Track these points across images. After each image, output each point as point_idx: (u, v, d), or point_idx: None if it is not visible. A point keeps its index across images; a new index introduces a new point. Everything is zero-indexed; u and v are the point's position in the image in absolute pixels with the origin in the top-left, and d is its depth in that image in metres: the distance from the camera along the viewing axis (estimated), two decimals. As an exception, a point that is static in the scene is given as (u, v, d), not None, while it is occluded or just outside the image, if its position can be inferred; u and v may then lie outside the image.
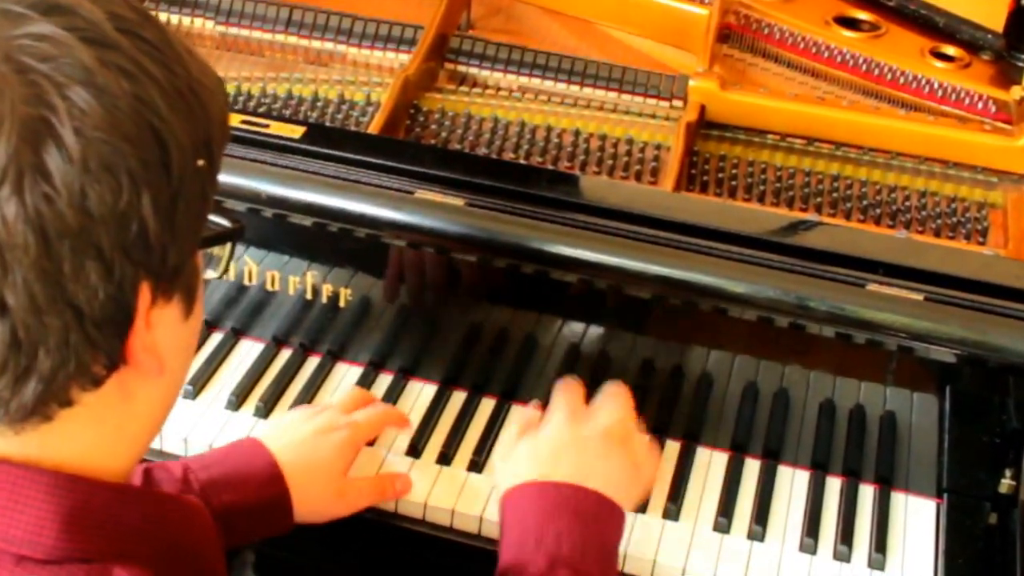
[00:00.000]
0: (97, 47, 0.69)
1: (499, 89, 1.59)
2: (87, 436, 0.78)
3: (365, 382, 1.42)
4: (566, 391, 1.26)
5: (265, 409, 1.39)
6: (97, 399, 0.76)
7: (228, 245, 0.88)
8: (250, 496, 1.16)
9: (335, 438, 1.25)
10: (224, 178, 0.86)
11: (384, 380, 1.43)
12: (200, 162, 0.74)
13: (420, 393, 1.42)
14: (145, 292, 0.73)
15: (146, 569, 0.77)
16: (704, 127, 1.52)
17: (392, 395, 1.41)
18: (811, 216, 1.40)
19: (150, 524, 0.80)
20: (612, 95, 1.57)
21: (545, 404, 1.29)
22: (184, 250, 0.76)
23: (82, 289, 0.69)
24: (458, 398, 1.42)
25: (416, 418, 1.38)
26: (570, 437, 1.18)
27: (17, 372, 0.71)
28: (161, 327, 0.76)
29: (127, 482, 0.83)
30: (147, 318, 0.74)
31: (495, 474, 1.23)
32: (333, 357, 1.45)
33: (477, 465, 1.34)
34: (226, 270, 0.89)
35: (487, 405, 1.41)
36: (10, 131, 0.66)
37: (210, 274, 0.87)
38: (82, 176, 0.67)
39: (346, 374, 1.44)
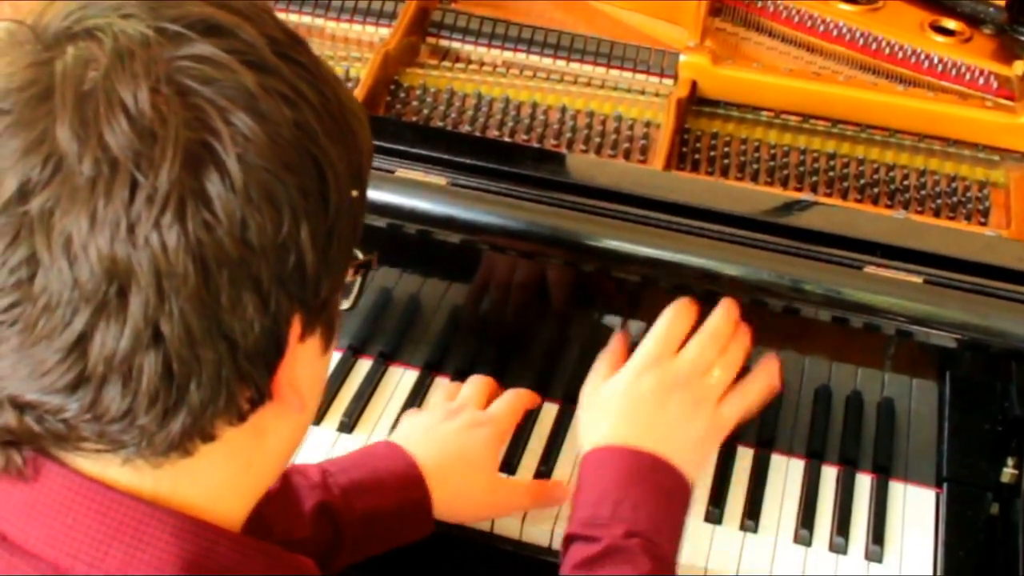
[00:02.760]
0: (258, 71, 0.69)
1: (483, 64, 1.56)
2: (219, 473, 0.78)
3: (344, 367, 1.41)
4: (670, 319, 1.17)
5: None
6: (235, 434, 0.76)
7: (360, 276, 0.88)
8: (391, 500, 1.16)
9: (482, 434, 1.24)
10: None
11: (364, 365, 1.42)
12: (354, 192, 0.75)
13: (401, 379, 1.41)
14: (296, 325, 0.73)
15: None
16: (695, 104, 1.50)
17: (372, 381, 1.40)
18: (806, 196, 1.38)
19: None
20: (600, 71, 1.54)
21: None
22: (335, 283, 0.76)
23: (238, 321, 0.69)
24: (440, 385, 1.40)
25: (397, 405, 1.37)
26: (652, 392, 1.13)
27: (167, 405, 0.70)
28: (302, 361, 0.76)
29: (244, 533, 0.82)
30: (294, 352, 0.74)
31: (578, 421, 1.19)
32: None
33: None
34: (357, 301, 0.88)
35: None
36: (173, 156, 0.66)
37: (343, 306, 0.86)
38: (244, 205, 0.67)
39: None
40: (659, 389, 1.14)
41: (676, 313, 1.18)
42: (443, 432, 1.23)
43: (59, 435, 0.72)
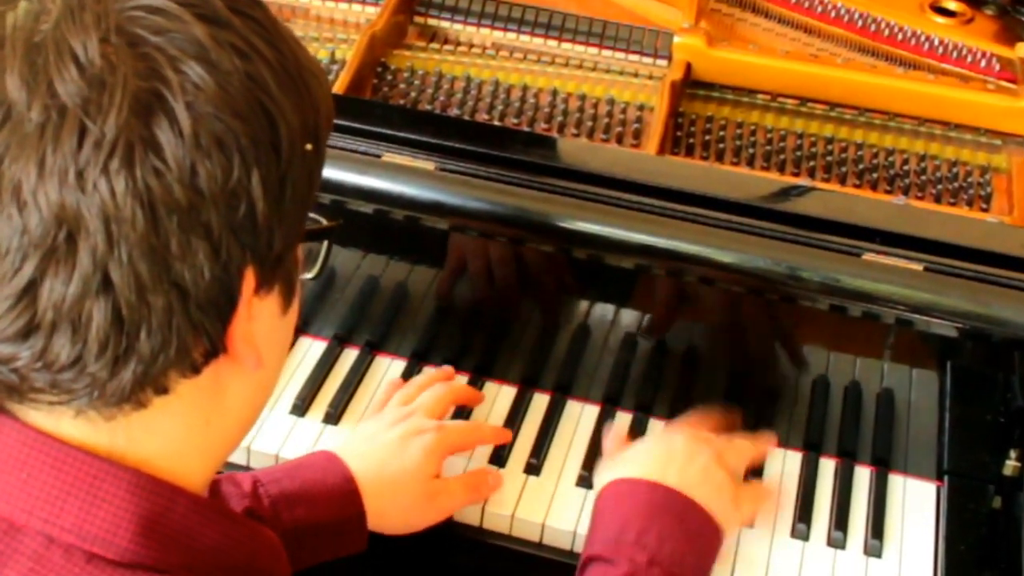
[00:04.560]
0: (210, 23, 0.70)
1: (472, 46, 1.55)
2: (176, 430, 0.78)
3: (329, 357, 1.39)
4: (697, 416, 1.28)
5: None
6: (191, 390, 0.76)
7: (325, 243, 0.90)
8: (322, 513, 1.14)
9: (423, 442, 1.22)
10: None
11: (350, 355, 1.41)
12: (308, 146, 0.75)
13: (388, 369, 1.39)
14: (250, 277, 0.74)
15: None
16: (690, 86, 1.50)
17: (358, 372, 1.38)
18: (804, 181, 1.38)
19: (226, 546, 0.80)
20: (592, 52, 1.53)
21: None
22: (289, 237, 0.76)
23: (188, 268, 0.70)
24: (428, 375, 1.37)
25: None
26: (683, 447, 1.19)
27: (118, 352, 0.70)
28: (260, 319, 0.76)
29: (206, 496, 0.83)
30: (249, 307, 0.74)
31: (597, 476, 1.22)
32: (296, 331, 1.38)
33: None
34: (322, 270, 0.90)
35: (459, 382, 1.36)
36: (121, 103, 0.67)
37: (307, 275, 0.88)
38: (193, 152, 0.68)
39: (309, 348, 1.41)
40: (690, 443, 1.20)
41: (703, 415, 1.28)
42: (384, 441, 1.22)
43: (11, 386, 0.73)
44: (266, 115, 0.72)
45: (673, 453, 1.18)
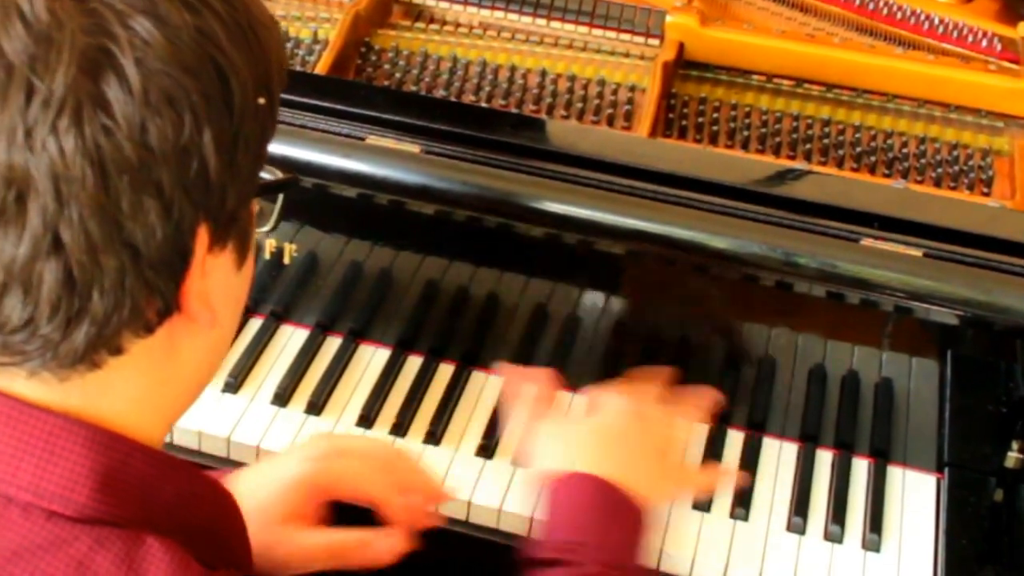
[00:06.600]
0: None
1: (459, 25, 1.55)
2: (130, 390, 0.78)
3: (312, 346, 1.39)
4: (639, 385, 1.23)
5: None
6: (145, 349, 0.77)
7: (279, 197, 0.91)
8: None
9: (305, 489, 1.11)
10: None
11: (333, 343, 1.39)
12: (260, 100, 0.75)
13: (372, 358, 1.38)
14: (203, 235, 0.74)
15: (178, 543, 0.77)
16: (683, 67, 1.50)
17: (341, 361, 1.37)
18: (800, 164, 1.37)
19: (184, 499, 0.81)
20: (582, 31, 1.54)
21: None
22: (242, 193, 0.77)
23: (140, 228, 0.70)
24: (414, 364, 1.38)
25: (368, 385, 1.35)
26: (623, 429, 1.16)
27: (70, 313, 0.71)
28: (214, 276, 0.77)
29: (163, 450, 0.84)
30: (203, 265, 0.75)
31: (536, 440, 1.17)
32: (277, 319, 1.42)
33: (434, 437, 1.31)
34: (277, 224, 0.91)
35: (445, 371, 1.38)
36: (69, 61, 0.67)
37: (262, 229, 0.88)
38: (143, 109, 0.68)
39: (291, 336, 1.40)
40: (629, 420, 1.17)
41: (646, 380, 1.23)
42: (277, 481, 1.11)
43: None
44: (217, 70, 0.71)
45: (612, 433, 1.15)
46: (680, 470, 1.21)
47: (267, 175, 0.85)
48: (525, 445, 1.17)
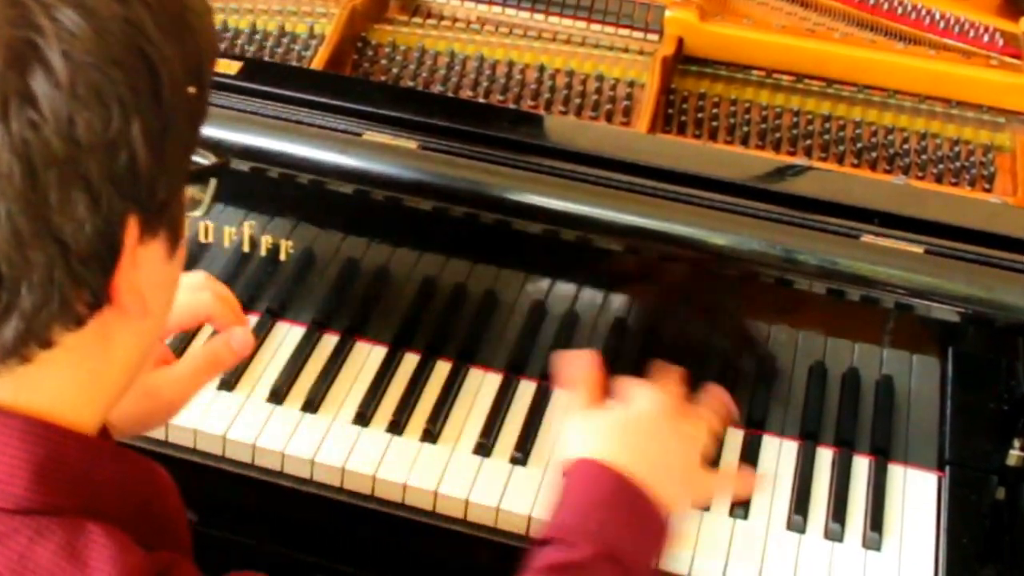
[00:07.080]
0: None
1: (456, 20, 1.55)
2: (63, 382, 0.78)
3: (308, 343, 1.39)
4: (667, 382, 1.20)
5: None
6: (77, 342, 0.76)
7: (211, 182, 0.89)
8: None
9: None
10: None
11: (330, 341, 1.39)
12: (191, 89, 0.75)
13: (369, 355, 1.38)
14: (132, 227, 0.74)
15: (118, 528, 0.77)
16: (682, 62, 1.50)
17: (338, 358, 1.37)
18: (800, 160, 1.37)
19: (120, 483, 0.81)
20: (581, 26, 1.54)
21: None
22: (173, 183, 0.77)
23: (68, 222, 0.70)
24: (411, 361, 1.38)
25: (364, 383, 1.34)
26: (654, 426, 1.13)
27: None
28: (145, 266, 0.77)
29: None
30: (133, 256, 0.75)
31: (565, 427, 1.15)
32: (273, 316, 1.41)
33: (432, 435, 1.30)
34: (209, 209, 0.89)
35: (442, 369, 1.37)
36: None
37: (194, 214, 0.88)
38: (70, 102, 0.68)
39: (287, 334, 1.39)
40: (657, 421, 1.14)
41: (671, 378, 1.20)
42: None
43: None
44: (146, 62, 0.71)
45: (640, 426, 1.13)
46: (701, 472, 1.18)
47: (199, 159, 0.85)
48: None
